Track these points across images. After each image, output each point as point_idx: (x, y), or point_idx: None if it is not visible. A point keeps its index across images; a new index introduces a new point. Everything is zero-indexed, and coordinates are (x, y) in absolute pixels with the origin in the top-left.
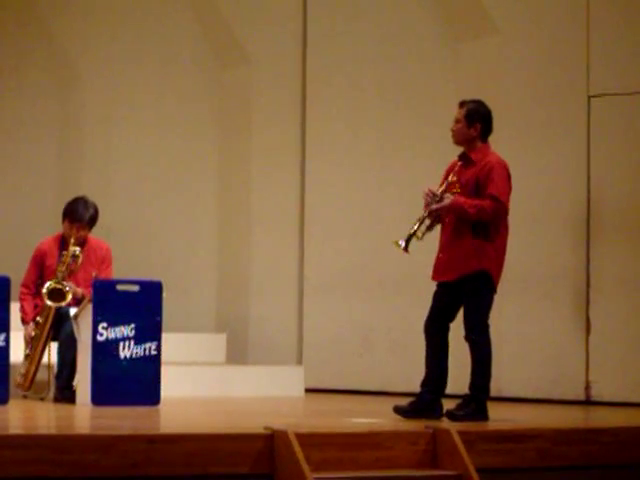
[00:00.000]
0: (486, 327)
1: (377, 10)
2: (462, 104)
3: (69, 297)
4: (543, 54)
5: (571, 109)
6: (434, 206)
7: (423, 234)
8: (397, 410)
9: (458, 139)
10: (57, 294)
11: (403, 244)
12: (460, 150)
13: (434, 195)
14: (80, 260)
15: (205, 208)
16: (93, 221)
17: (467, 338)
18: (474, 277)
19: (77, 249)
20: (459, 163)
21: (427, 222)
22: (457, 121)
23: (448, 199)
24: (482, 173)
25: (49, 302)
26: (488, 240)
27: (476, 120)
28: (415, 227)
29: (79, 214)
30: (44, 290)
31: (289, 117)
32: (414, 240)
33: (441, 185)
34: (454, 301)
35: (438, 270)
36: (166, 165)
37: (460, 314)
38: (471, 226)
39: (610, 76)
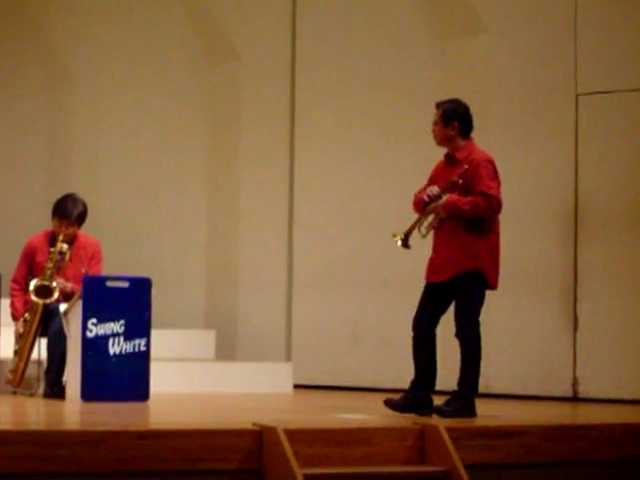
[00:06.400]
0: (477, 325)
1: (366, 7)
2: (438, 105)
3: (56, 293)
4: (531, 52)
5: (559, 107)
6: (429, 206)
7: (427, 231)
8: (388, 403)
9: (438, 140)
10: (44, 291)
11: (400, 242)
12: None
13: (436, 195)
14: (68, 257)
15: (194, 205)
16: (82, 218)
17: (458, 335)
18: (467, 276)
19: (65, 246)
20: (444, 163)
21: (430, 219)
22: (435, 123)
23: (444, 197)
24: (469, 171)
25: (35, 298)
26: (481, 237)
27: (452, 119)
28: (411, 225)
29: (67, 211)
30: (30, 287)
31: (278, 114)
32: (419, 237)
33: (439, 186)
34: (445, 299)
35: (432, 271)
36: (155, 162)
37: (449, 310)
38: (464, 225)
39: (598, 74)
